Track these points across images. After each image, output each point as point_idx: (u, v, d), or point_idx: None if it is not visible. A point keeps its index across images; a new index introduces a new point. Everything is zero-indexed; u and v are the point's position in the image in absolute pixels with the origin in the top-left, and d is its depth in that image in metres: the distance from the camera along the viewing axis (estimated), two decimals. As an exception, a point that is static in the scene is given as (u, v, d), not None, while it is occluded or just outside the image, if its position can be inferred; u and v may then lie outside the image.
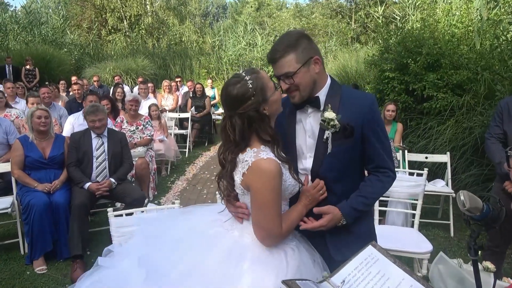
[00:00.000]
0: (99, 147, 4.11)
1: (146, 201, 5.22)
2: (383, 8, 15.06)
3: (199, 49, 19.90)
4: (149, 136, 5.61)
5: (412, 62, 6.30)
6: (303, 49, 1.61)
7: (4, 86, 6.97)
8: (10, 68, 11.35)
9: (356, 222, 1.74)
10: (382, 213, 4.06)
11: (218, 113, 10.30)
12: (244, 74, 1.52)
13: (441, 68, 6.05)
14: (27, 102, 5.37)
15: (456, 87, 5.83)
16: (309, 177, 1.72)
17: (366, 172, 1.83)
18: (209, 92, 10.53)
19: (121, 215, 2.35)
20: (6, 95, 6.63)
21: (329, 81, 1.73)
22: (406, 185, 3.38)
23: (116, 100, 7.08)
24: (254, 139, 1.55)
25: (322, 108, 1.69)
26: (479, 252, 1.35)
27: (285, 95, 1.73)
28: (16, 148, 3.88)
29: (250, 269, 1.46)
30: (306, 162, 1.72)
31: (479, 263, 1.55)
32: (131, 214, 2.38)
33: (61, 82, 9.39)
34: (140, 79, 10.47)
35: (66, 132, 4.93)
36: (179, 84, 10.77)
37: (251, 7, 26.35)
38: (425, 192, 4.24)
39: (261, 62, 16.62)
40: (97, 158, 4.07)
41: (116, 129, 5.24)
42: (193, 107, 9.00)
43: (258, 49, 17.47)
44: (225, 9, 37.22)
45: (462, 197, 1.35)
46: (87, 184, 3.88)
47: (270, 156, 1.50)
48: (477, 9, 6.88)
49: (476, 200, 1.34)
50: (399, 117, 5.61)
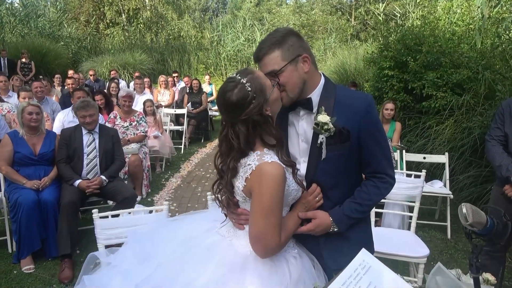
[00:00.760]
0: (90, 144, 4.01)
1: (139, 199, 5.15)
2: (384, 6, 14.94)
3: (198, 44, 19.75)
4: (143, 133, 5.50)
5: (412, 60, 6.20)
6: (290, 46, 1.51)
7: (-3, 80, 6.83)
8: (5, 61, 11.23)
9: (352, 229, 1.65)
10: (379, 215, 3.99)
11: (215, 109, 10.17)
12: (240, 77, 1.40)
13: (441, 67, 5.96)
14: (19, 96, 5.24)
15: (456, 86, 5.74)
16: (304, 184, 1.62)
17: (364, 177, 1.74)
18: (207, 88, 10.41)
19: (107, 217, 2.25)
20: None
21: (323, 81, 1.63)
22: (404, 187, 3.29)
23: (111, 95, 6.96)
24: (258, 142, 1.46)
25: (315, 111, 1.59)
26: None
27: None
28: (5, 144, 3.77)
29: (252, 285, 1.38)
30: (300, 168, 1.63)
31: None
32: (118, 216, 2.29)
33: (56, 76, 9.30)
34: (137, 74, 10.34)
35: (56, 129, 4.83)
36: (176, 80, 10.65)
37: (251, 2, 26.11)
38: (423, 193, 4.16)
39: (260, 58, 16.48)
40: (88, 155, 3.97)
41: (109, 125, 5.14)
42: (190, 103, 8.89)
43: (257, 45, 17.32)
44: (225, 4, 36.90)
45: (465, 210, 1.23)
46: (77, 182, 3.79)
47: (275, 160, 1.40)
48: (479, 7, 6.78)
49: (480, 214, 1.23)
50: (398, 116, 5.53)
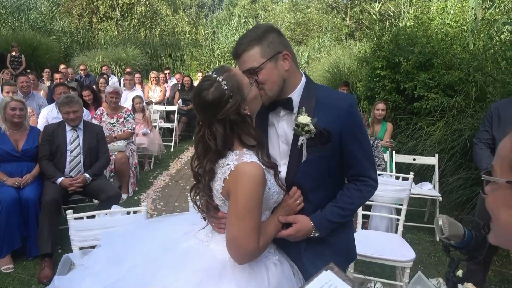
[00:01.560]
0: (74, 141, 3.92)
1: (125, 197, 5.07)
2: (380, 5, 14.91)
3: (192, 41, 19.60)
4: (130, 130, 5.41)
5: (404, 61, 6.17)
6: (270, 43, 1.45)
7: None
8: (-5, 54, 11.03)
9: (334, 234, 1.60)
10: (366, 217, 3.94)
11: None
12: (216, 75, 1.36)
13: (433, 68, 5.93)
14: (2, 91, 5.12)
15: (448, 88, 5.72)
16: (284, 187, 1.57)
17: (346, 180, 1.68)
18: (199, 85, 10.29)
19: (82, 218, 2.17)
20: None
21: (304, 81, 1.57)
22: (391, 189, 3.25)
23: (100, 91, 6.85)
24: (236, 143, 1.41)
25: (296, 111, 1.53)
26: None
27: None
28: (-14, 140, 3.68)
29: None
30: (281, 170, 1.57)
31: (461, 284, 1.41)
32: (94, 217, 2.21)
33: (46, 70, 9.15)
34: (128, 70, 10.22)
35: (40, 126, 4.70)
36: (168, 76, 10.53)
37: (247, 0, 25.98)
38: (412, 195, 4.13)
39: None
40: (71, 152, 3.88)
41: (95, 122, 5.05)
42: (181, 100, 8.79)
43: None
44: (221, 1, 36.68)
45: (441, 222, 1.17)
46: (60, 179, 3.70)
47: (254, 160, 1.35)
48: (472, 8, 6.76)
49: (457, 227, 1.17)
50: (389, 117, 5.49)
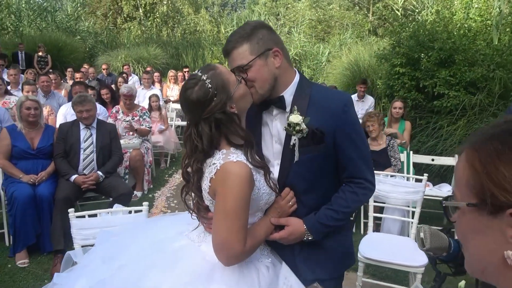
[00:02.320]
0: (87, 139, 3.99)
1: (140, 194, 5.13)
2: (403, 0, 14.51)
3: (213, 39, 19.67)
4: (148, 128, 5.45)
5: (425, 58, 5.96)
6: (260, 40, 1.41)
7: (8, 73, 6.93)
8: (23, 55, 11.42)
9: (329, 237, 1.55)
10: (379, 218, 3.82)
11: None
12: (201, 74, 1.34)
13: (455, 65, 5.70)
14: (22, 90, 5.27)
15: (470, 85, 5.49)
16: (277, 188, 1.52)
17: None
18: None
19: (83, 216, 2.19)
20: (10, 82, 6.64)
21: (297, 79, 1.52)
22: (403, 191, 3.13)
23: (118, 90, 6.95)
24: (223, 142, 1.38)
25: (289, 110, 1.49)
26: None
27: None
28: (3, 137, 3.77)
29: None
30: (274, 171, 1.53)
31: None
32: (95, 216, 2.23)
33: (69, 70, 9.38)
34: (148, 69, 10.34)
35: (59, 123, 4.82)
36: (187, 75, 10.59)
37: (268, -3, 25.83)
38: (430, 197, 3.98)
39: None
40: (85, 150, 3.95)
41: (111, 120, 5.12)
42: (199, 98, 8.80)
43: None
44: (244, -1, 36.70)
45: (422, 235, 1.10)
46: (73, 177, 3.77)
47: (241, 159, 1.32)
48: (498, 1, 6.46)
49: (440, 239, 1.08)
50: (408, 115, 5.32)
